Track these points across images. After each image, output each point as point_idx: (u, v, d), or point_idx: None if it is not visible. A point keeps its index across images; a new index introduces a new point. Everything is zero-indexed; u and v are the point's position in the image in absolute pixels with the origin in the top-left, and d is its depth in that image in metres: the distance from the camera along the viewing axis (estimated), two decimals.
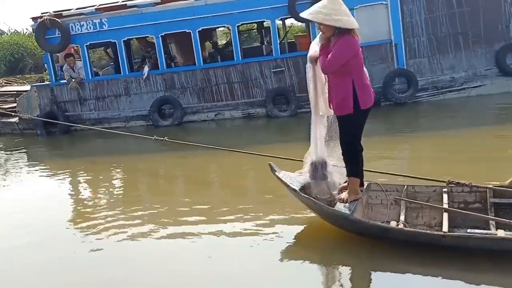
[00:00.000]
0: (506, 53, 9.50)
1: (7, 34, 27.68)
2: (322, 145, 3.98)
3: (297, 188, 4.10)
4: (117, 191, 6.61)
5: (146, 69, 10.45)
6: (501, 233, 3.51)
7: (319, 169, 4.12)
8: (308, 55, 4.08)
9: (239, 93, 10.22)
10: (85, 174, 7.63)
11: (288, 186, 4.13)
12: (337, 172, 4.23)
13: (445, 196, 4.10)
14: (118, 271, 4.07)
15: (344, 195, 4.09)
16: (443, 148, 6.64)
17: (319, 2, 3.84)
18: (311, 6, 3.95)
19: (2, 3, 47.33)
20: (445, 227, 3.66)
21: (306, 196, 4.02)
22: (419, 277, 3.45)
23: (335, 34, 3.79)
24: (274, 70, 10.00)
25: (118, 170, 7.60)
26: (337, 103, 3.88)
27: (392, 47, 9.69)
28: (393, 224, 3.90)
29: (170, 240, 4.57)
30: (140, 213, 5.38)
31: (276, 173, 4.23)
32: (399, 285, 3.43)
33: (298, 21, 10.44)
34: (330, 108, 4.03)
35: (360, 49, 3.87)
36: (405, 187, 4.26)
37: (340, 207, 4.01)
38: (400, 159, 6.72)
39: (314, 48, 4.02)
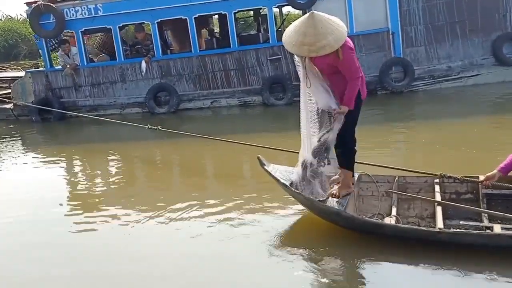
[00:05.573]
0: (503, 42, 9.47)
1: (0, 20, 27.39)
2: (314, 143, 3.85)
3: (287, 183, 3.95)
4: (110, 178, 6.58)
5: (143, 64, 10.27)
6: (497, 227, 3.50)
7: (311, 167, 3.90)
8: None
9: (236, 80, 10.17)
10: (80, 161, 7.64)
11: (278, 180, 3.96)
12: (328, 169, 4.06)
13: (436, 187, 4.08)
14: (108, 258, 4.08)
15: (335, 189, 3.99)
16: (438, 137, 6.64)
17: (298, 25, 3.52)
18: None
19: None
20: (439, 223, 3.58)
21: (297, 191, 3.89)
22: (411, 271, 3.45)
23: None
24: (270, 58, 9.93)
25: (113, 157, 7.59)
26: (341, 98, 3.77)
27: (389, 36, 9.63)
28: (386, 219, 3.85)
29: (158, 227, 4.55)
30: (131, 200, 5.39)
31: (265, 166, 4.06)
32: (391, 278, 3.44)
33: (295, 8, 10.36)
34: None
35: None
36: (396, 178, 4.23)
37: (332, 202, 3.90)
38: (395, 149, 6.72)
39: None
